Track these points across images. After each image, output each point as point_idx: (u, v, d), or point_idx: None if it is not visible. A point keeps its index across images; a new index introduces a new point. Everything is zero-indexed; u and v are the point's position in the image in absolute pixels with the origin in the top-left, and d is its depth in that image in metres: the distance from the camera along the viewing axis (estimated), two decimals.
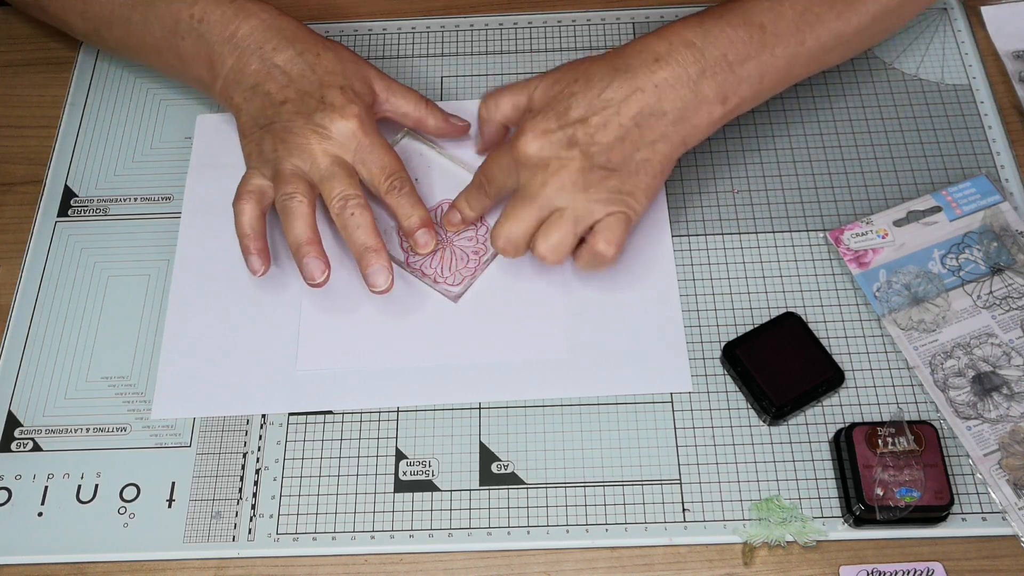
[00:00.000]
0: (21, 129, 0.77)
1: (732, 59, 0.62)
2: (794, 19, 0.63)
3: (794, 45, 0.64)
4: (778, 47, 0.63)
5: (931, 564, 0.58)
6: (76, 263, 0.70)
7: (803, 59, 0.65)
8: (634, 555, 0.59)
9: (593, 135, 0.61)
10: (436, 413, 0.64)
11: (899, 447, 0.59)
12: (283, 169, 0.64)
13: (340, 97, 0.65)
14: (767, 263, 0.68)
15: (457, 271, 0.68)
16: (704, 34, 0.62)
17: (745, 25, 0.62)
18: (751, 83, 0.63)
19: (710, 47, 0.62)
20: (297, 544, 0.60)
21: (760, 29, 0.63)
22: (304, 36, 0.67)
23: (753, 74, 0.63)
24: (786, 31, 0.63)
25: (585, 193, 0.61)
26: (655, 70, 0.61)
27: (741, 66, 0.62)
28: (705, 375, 0.65)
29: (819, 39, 0.64)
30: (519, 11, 0.81)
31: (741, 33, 0.62)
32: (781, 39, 0.63)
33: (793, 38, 0.63)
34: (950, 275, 0.66)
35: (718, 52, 0.62)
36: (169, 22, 0.67)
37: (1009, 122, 0.73)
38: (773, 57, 0.63)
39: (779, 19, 0.63)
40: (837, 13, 0.64)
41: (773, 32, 0.63)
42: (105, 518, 0.61)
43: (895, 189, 0.71)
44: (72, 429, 0.64)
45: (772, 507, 0.60)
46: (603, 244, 0.62)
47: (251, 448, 0.63)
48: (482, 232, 0.70)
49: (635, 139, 0.61)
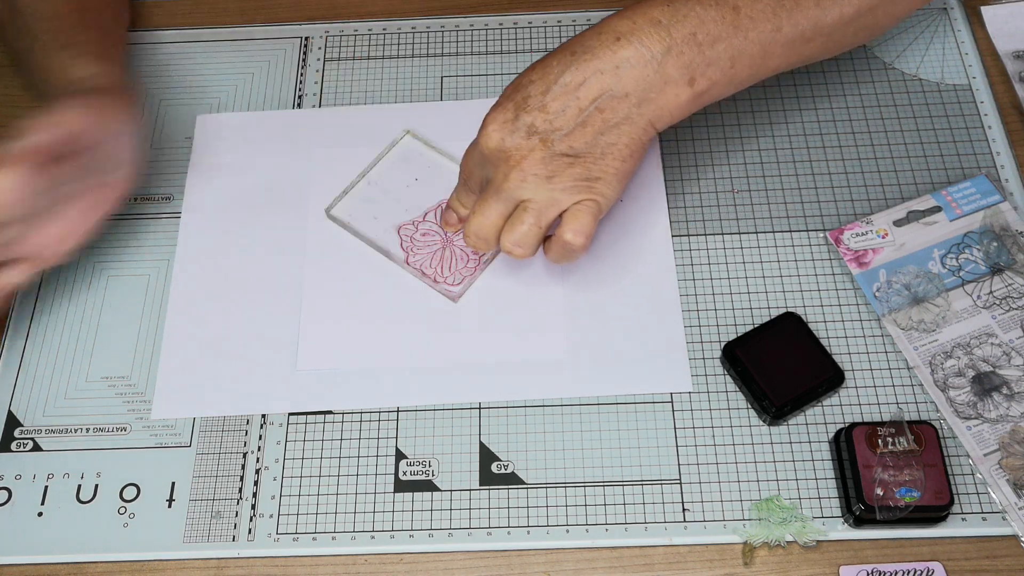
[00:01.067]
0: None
1: (701, 39, 0.59)
2: (771, 3, 0.60)
3: (769, 31, 0.60)
4: (752, 31, 0.60)
5: (931, 564, 0.58)
6: (76, 263, 0.70)
7: (779, 47, 0.61)
8: (634, 555, 0.59)
9: (552, 121, 0.58)
10: (436, 413, 0.64)
11: (899, 447, 0.59)
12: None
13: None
14: (767, 263, 0.68)
15: (457, 271, 0.68)
16: (672, 12, 0.59)
17: (717, 5, 0.59)
18: (721, 66, 0.60)
19: (677, 25, 0.58)
20: (297, 544, 0.60)
21: (734, 10, 0.59)
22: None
23: (723, 56, 0.59)
24: (761, 15, 0.60)
25: (549, 183, 0.59)
26: (616, 50, 0.58)
27: (711, 47, 0.59)
28: (705, 375, 0.65)
29: (797, 26, 0.61)
30: (519, 11, 0.81)
31: (712, 13, 0.59)
32: (756, 23, 0.60)
33: (769, 23, 0.60)
34: (950, 275, 0.66)
35: (686, 31, 0.58)
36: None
37: (1009, 122, 0.73)
38: (746, 41, 0.60)
39: (755, 2, 0.60)
40: (816, 1, 0.61)
41: (748, 15, 0.60)
42: (105, 518, 0.61)
43: (895, 189, 0.71)
44: (72, 429, 0.64)
45: (772, 507, 0.60)
46: (570, 234, 0.60)
47: (251, 448, 0.63)
48: None
49: (597, 123, 0.58)
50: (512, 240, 0.61)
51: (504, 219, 0.62)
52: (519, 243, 0.61)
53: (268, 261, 0.69)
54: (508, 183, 0.60)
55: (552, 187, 0.60)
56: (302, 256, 0.69)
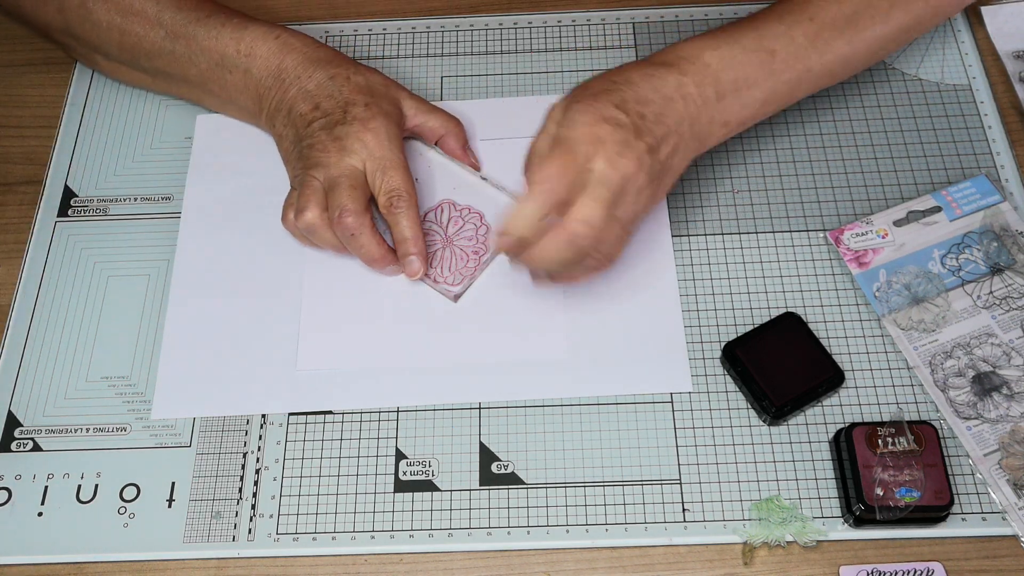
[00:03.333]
0: (21, 129, 0.77)
1: (741, 84, 0.62)
2: (804, 44, 0.63)
3: (800, 71, 0.64)
4: (785, 73, 0.63)
5: (931, 564, 0.58)
6: (76, 263, 0.70)
7: (807, 84, 0.65)
8: (634, 555, 0.59)
9: (653, 131, 0.59)
10: (436, 413, 0.64)
11: (899, 447, 0.59)
12: (304, 183, 0.65)
13: (363, 111, 0.65)
14: (767, 263, 0.68)
15: (457, 271, 0.68)
16: (720, 57, 0.62)
17: (757, 51, 0.62)
18: (753, 108, 0.63)
19: (725, 71, 0.62)
20: (297, 544, 0.60)
21: (771, 55, 0.63)
22: (339, 62, 0.69)
23: (757, 99, 0.63)
24: (795, 57, 0.63)
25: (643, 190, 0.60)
26: (679, 83, 0.60)
27: (748, 91, 0.62)
28: (705, 375, 0.65)
29: (826, 65, 0.65)
30: (519, 11, 0.81)
31: (753, 58, 0.62)
32: (789, 65, 0.63)
33: (801, 64, 0.64)
34: (950, 275, 0.66)
35: (731, 76, 0.62)
36: (216, 56, 0.69)
37: (1009, 122, 0.73)
38: (778, 83, 0.63)
39: (790, 44, 0.63)
40: (847, 39, 0.64)
41: (783, 58, 0.63)
42: (105, 518, 0.61)
43: (895, 189, 0.71)
44: (72, 429, 0.64)
45: (772, 507, 0.60)
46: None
47: (251, 448, 0.63)
48: (482, 232, 0.70)
49: (674, 142, 0.60)
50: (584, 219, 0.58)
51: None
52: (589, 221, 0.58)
53: (268, 261, 0.69)
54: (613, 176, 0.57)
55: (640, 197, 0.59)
56: (302, 256, 0.69)
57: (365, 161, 0.65)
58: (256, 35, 0.69)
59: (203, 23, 0.69)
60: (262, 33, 0.69)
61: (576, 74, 0.77)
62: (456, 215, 0.71)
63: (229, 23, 0.69)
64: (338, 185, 0.64)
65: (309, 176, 0.65)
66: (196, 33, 0.69)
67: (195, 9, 0.70)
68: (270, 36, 0.69)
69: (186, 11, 0.69)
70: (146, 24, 0.70)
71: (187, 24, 0.69)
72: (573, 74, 0.77)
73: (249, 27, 0.69)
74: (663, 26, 0.79)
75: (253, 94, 0.70)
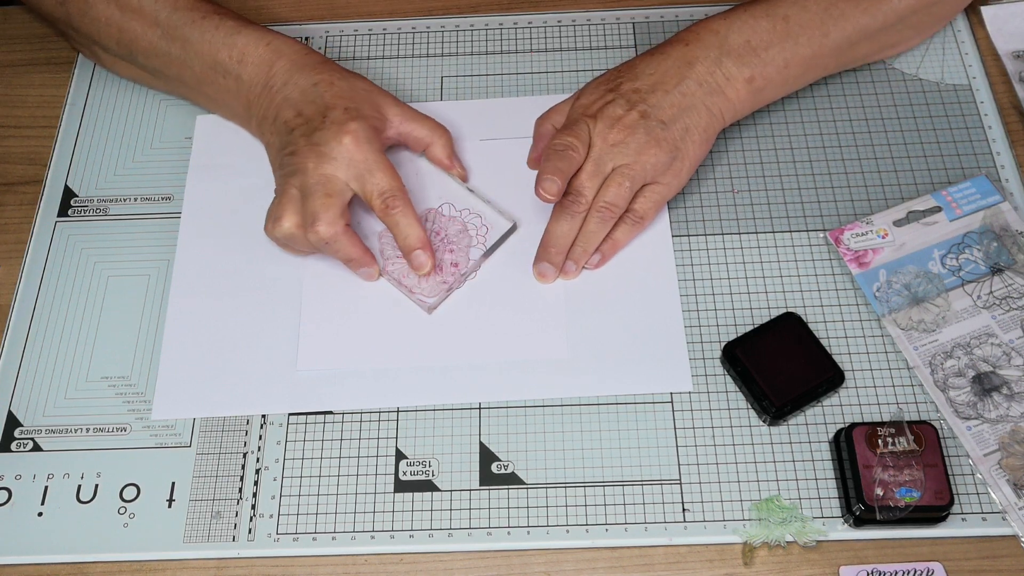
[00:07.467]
0: (21, 129, 0.77)
1: (755, 44, 0.67)
2: (819, 13, 0.68)
3: (818, 36, 0.68)
4: (802, 36, 0.68)
5: (931, 564, 0.58)
6: (76, 263, 0.70)
7: (828, 50, 0.69)
8: (634, 555, 0.59)
9: (646, 98, 0.66)
10: (436, 413, 0.64)
11: (899, 447, 0.59)
12: (281, 191, 0.65)
13: (342, 115, 0.65)
14: (767, 263, 0.68)
15: (434, 282, 0.68)
16: (728, 24, 0.68)
17: (768, 16, 0.68)
18: (776, 66, 0.68)
19: (733, 34, 0.67)
20: (297, 544, 0.60)
21: (784, 20, 0.67)
22: (325, 68, 0.68)
23: (778, 59, 0.68)
24: (810, 23, 0.68)
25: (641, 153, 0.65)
26: (684, 51, 0.67)
27: (765, 51, 0.67)
28: (705, 375, 0.65)
29: (844, 32, 0.68)
30: (519, 11, 0.81)
31: (764, 23, 0.67)
32: (805, 30, 0.68)
33: (817, 30, 0.68)
34: (950, 275, 0.66)
35: (741, 38, 0.67)
36: (209, 60, 0.69)
37: (1009, 122, 0.73)
38: (797, 46, 0.68)
39: (803, 12, 0.68)
40: (863, 9, 0.68)
41: (797, 23, 0.68)
42: (105, 518, 0.61)
43: (895, 189, 0.71)
44: (72, 429, 0.64)
45: (772, 507, 0.60)
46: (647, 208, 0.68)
47: (251, 448, 0.63)
48: (464, 244, 0.69)
49: (679, 101, 0.66)
50: (608, 199, 0.65)
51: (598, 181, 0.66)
52: (614, 203, 0.65)
53: (268, 261, 0.69)
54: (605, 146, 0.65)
55: (644, 158, 0.65)
56: (302, 256, 0.69)
57: (345, 166, 0.64)
58: (248, 41, 0.69)
59: (197, 25, 0.69)
60: (254, 39, 0.69)
61: (576, 74, 0.77)
62: (440, 226, 0.70)
63: (223, 26, 0.69)
64: (312, 193, 0.64)
65: (287, 184, 0.65)
66: (190, 36, 0.69)
67: (192, 9, 0.69)
68: (261, 42, 0.69)
69: (182, 11, 0.69)
70: (144, 22, 0.70)
71: (182, 25, 0.69)
72: (573, 74, 0.77)
73: (242, 32, 0.69)
74: (663, 26, 0.79)
75: (244, 100, 0.70)
